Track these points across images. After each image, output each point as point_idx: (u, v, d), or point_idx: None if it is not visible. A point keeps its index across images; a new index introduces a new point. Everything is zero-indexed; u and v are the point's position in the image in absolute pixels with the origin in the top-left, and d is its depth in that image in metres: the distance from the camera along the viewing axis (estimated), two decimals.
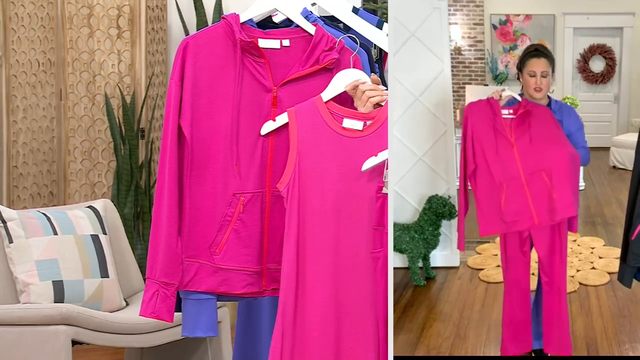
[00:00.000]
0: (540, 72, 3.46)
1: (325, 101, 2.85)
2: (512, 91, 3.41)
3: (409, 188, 4.51)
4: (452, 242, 4.59)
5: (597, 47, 4.90)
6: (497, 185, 3.34)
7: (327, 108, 2.85)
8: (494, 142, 3.34)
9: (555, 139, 3.29)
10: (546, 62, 3.50)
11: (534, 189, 3.28)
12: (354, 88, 2.86)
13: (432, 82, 4.41)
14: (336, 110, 2.86)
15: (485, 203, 3.42)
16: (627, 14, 4.77)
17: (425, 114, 4.43)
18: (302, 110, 2.84)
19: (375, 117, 2.83)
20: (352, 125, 2.85)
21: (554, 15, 5.25)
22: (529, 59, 3.51)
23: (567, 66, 5.41)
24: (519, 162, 3.29)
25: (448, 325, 3.79)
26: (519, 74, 3.54)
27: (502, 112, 3.35)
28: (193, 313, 2.94)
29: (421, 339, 3.63)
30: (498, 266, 4.54)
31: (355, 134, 2.84)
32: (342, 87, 2.87)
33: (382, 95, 2.84)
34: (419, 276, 4.36)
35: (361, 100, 2.85)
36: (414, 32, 4.26)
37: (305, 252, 2.83)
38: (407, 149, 4.43)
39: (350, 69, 2.87)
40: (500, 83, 5.90)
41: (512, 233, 3.41)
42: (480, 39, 5.73)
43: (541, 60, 3.50)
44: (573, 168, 3.33)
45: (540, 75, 3.44)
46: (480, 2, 5.66)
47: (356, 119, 2.84)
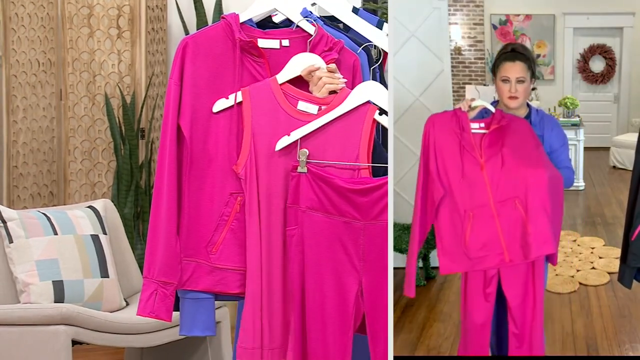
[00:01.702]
0: (516, 77, 3.00)
1: (280, 83, 2.85)
2: (484, 100, 2.89)
3: (409, 188, 4.51)
4: None
5: (597, 47, 4.90)
6: (462, 214, 2.82)
7: (281, 90, 2.85)
8: (459, 163, 2.84)
9: (532, 160, 2.79)
10: (523, 65, 3.01)
11: (505, 220, 2.78)
12: (310, 73, 2.86)
13: (432, 82, 4.41)
14: (291, 92, 2.86)
15: (447, 235, 2.83)
16: (627, 14, 4.76)
17: (425, 114, 4.43)
18: (256, 91, 2.84)
19: (330, 102, 2.83)
20: (306, 109, 2.85)
21: (554, 15, 5.25)
22: (502, 63, 3.04)
23: (567, 66, 5.41)
24: (488, 187, 2.79)
25: (448, 325, 3.78)
26: (493, 79, 3.07)
27: (472, 126, 2.84)
28: (191, 312, 2.94)
29: (421, 339, 3.63)
30: None
31: (309, 117, 2.84)
32: (298, 71, 2.86)
33: (337, 83, 2.84)
34: (419, 276, 4.36)
35: (317, 85, 2.85)
36: (414, 32, 4.26)
37: (262, 232, 2.85)
38: (407, 149, 4.44)
39: (307, 53, 2.87)
40: None
41: (476, 271, 2.86)
42: (480, 39, 5.73)
43: (516, 64, 3.02)
44: (553, 195, 2.83)
45: (515, 82, 2.99)
46: (480, 2, 5.66)
47: (311, 102, 2.85)
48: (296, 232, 2.80)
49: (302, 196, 2.79)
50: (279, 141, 2.79)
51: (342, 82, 2.83)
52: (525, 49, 3.18)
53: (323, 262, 2.81)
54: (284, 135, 2.81)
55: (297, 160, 2.79)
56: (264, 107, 2.83)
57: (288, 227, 2.81)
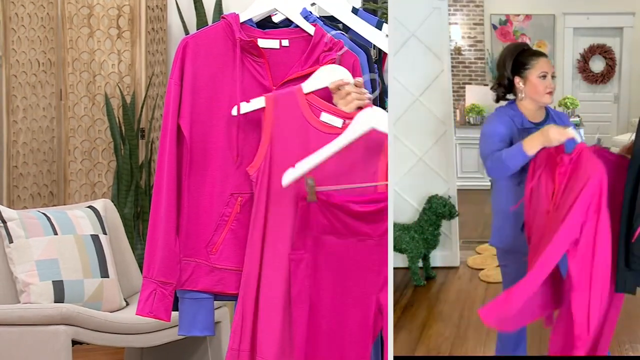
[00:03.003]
0: (552, 72, 3.06)
1: (305, 93, 2.84)
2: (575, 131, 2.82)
3: (409, 188, 4.51)
4: (452, 242, 4.59)
5: (597, 47, 4.91)
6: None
7: (306, 99, 2.83)
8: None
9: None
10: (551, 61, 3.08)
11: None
12: (339, 87, 2.84)
13: (432, 82, 4.41)
14: (316, 103, 2.83)
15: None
16: (627, 14, 4.77)
17: (425, 114, 4.43)
18: (280, 98, 2.82)
19: (354, 117, 2.81)
20: (330, 121, 2.81)
21: (554, 15, 5.25)
22: (537, 59, 3.06)
23: (567, 66, 5.41)
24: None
25: (448, 325, 3.79)
26: (517, 79, 3.06)
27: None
28: (190, 312, 2.94)
29: (421, 339, 3.63)
30: (498, 266, 4.54)
31: (332, 130, 2.80)
32: (327, 83, 2.84)
33: (364, 99, 2.82)
34: (419, 276, 4.36)
35: (345, 99, 2.82)
36: (414, 32, 4.26)
37: (265, 239, 2.82)
38: (407, 149, 4.44)
39: (336, 66, 2.85)
40: None
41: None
42: (480, 39, 5.73)
43: (549, 60, 3.08)
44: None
45: (550, 76, 3.05)
46: (480, 2, 5.66)
47: (336, 115, 2.82)
48: (305, 257, 2.78)
49: (313, 223, 2.75)
50: (284, 175, 2.74)
51: (369, 98, 2.82)
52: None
53: (340, 284, 2.78)
54: (303, 144, 2.77)
55: (305, 191, 2.75)
56: (287, 115, 2.81)
57: (294, 251, 2.78)
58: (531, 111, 3.07)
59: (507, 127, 3.02)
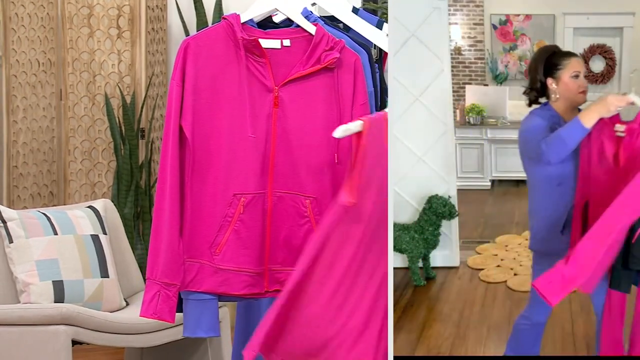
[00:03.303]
0: (584, 72, 3.09)
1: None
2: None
3: (409, 188, 4.52)
4: (452, 242, 4.59)
5: (597, 47, 4.91)
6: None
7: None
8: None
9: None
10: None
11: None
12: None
13: (432, 82, 4.42)
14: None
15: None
16: (627, 14, 4.77)
17: (425, 114, 4.44)
18: (373, 122, 2.77)
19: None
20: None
21: (554, 15, 5.25)
22: (568, 59, 3.09)
23: None
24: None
25: (448, 325, 3.79)
26: (549, 81, 3.08)
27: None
28: (194, 313, 2.94)
29: (421, 339, 3.64)
30: (498, 266, 4.55)
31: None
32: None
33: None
34: (419, 276, 4.36)
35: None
36: (414, 32, 4.27)
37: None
38: (407, 149, 4.44)
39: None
40: (500, 83, 5.91)
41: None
42: (480, 39, 5.73)
43: (580, 59, 3.10)
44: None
45: (582, 76, 3.08)
46: (480, 2, 5.66)
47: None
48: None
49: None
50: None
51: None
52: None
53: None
54: (383, 170, 2.73)
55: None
56: (378, 139, 2.77)
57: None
58: (565, 112, 3.07)
59: (548, 121, 3.03)
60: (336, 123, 2.88)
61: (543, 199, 3.09)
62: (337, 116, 2.90)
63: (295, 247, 2.90)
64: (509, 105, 5.62)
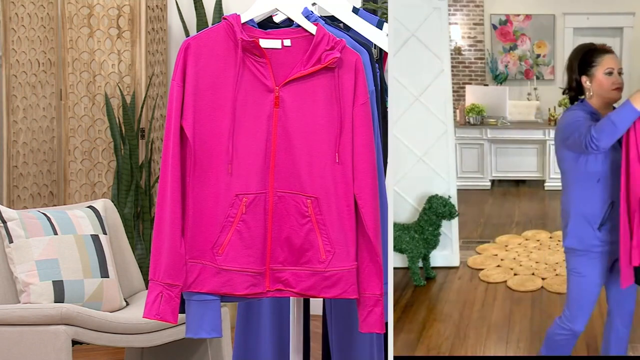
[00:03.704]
0: (618, 68, 3.10)
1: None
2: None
3: (409, 188, 4.51)
4: (452, 242, 4.59)
5: None
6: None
7: None
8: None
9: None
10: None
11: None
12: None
13: (432, 82, 4.42)
14: None
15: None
16: (627, 14, 4.77)
17: (425, 114, 4.44)
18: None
19: None
20: None
21: (554, 15, 5.26)
22: (602, 56, 3.09)
23: None
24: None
25: (448, 325, 3.79)
26: (583, 79, 3.09)
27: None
28: (197, 314, 2.93)
29: (421, 339, 3.64)
30: (498, 266, 4.55)
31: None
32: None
33: None
34: (419, 276, 4.36)
35: None
36: (414, 32, 4.27)
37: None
38: (407, 149, 4.44)
39: None
40: (500, 83, 5.92)
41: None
42: (480, 39, 5.73)
43: (614, 56, 3.10)
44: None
45: (617, 72, 3.09)
46: (480, 2, 5.66)
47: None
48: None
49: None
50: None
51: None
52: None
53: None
54: None
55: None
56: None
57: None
58: (600, 108, 3.08)
59: (587, 113, 3.05)
60: (337, 123, 2.89)
61: (581, 195, 3.09)
62: (338, 116, 2.90)
63: (296, 246, 2.91)
64: (509, 105, 5.62)
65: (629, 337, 3.18)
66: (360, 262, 2.91)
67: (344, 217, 2.89)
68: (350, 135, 2.90)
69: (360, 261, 2.91)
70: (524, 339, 3.68)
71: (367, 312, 2.92)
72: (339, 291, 2.91)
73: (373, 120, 2.95)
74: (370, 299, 2.91)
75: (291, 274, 2.91)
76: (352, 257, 2.90)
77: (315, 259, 2.90)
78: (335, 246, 2.89)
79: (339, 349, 3.42)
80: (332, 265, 2.89)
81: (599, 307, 3.41)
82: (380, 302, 2.91)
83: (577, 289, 3.18)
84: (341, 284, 2.90)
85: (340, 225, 2.89)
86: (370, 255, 2.90)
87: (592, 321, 3.39)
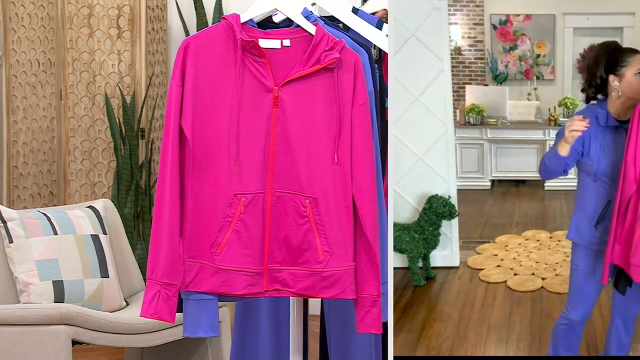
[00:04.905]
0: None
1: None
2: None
3: (409, 188, 4.51)
4: (452, 242, 4.59)
5: None
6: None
7: None
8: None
9: None
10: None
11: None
12: None
13: (432, 82, 4.42)
14: None
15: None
16: (627, 14, 4.77)
17: (425, 114, 4.43)
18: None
19: None
20: None
21: (554, 15, 5.26)
22: (633, 55, 3.03)
23: (567, 66, 5.41)
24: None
25: (448, 325, 3.79)
26: (611, 77, 3.02)
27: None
28: (194, 313, 2.94)
29: (421, 339, 3.64)
30: (498, 266, 4.55)
31: None
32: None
33: None
34: (419, 276, 4.36)
35: None
36: (414, 32, 4.27)
37: None
38: (407, 149, 4.44)
39: None
40: (500, 83, 5.92)
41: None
42: (480, 39, 5.73)
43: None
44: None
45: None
46: (480, 2, 5.66)
47: None
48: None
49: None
50: None
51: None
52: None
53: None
54: None
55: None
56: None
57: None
58: (622, 109, 3.02)
59: (594, 118, 3.01)
60: (336, 123, 2.89)
61: (582, 192, 3.12)
62: (337, 116, 2.90)
63: (295, 246, 2.91)
64: (509, 105, 5.62)
65: (631, 340, 3.18)
66: (358, 263, 2.91)
67: (342, 218, 2.89)
68: (349, 135, 2.90)
69: (358, 261, 2.91)
70: (524, 339, 3.68)
71: (364, 312, 2.92)
72: (336, 291, 2.91)
73: (372, 121, 2.95)
74: (368, 300, 2.91)
75: (289, 274, 2.91)
76: (350, 258, 2.90)
77: (313, 259, 2.90)
78: (334, 246, 2.89)
79: (337, 349, 3.42)
80: (330, 265, 2.89)
81: (599, 308, 3.41)
82: (378, 302, 2.91)
83: (573, 280, 3.21)
84: (339, 284, 2.90)
85: (339, 225, 2.89)
86: (368, 256, 2.90)
87: (592, 321, 3.39)
